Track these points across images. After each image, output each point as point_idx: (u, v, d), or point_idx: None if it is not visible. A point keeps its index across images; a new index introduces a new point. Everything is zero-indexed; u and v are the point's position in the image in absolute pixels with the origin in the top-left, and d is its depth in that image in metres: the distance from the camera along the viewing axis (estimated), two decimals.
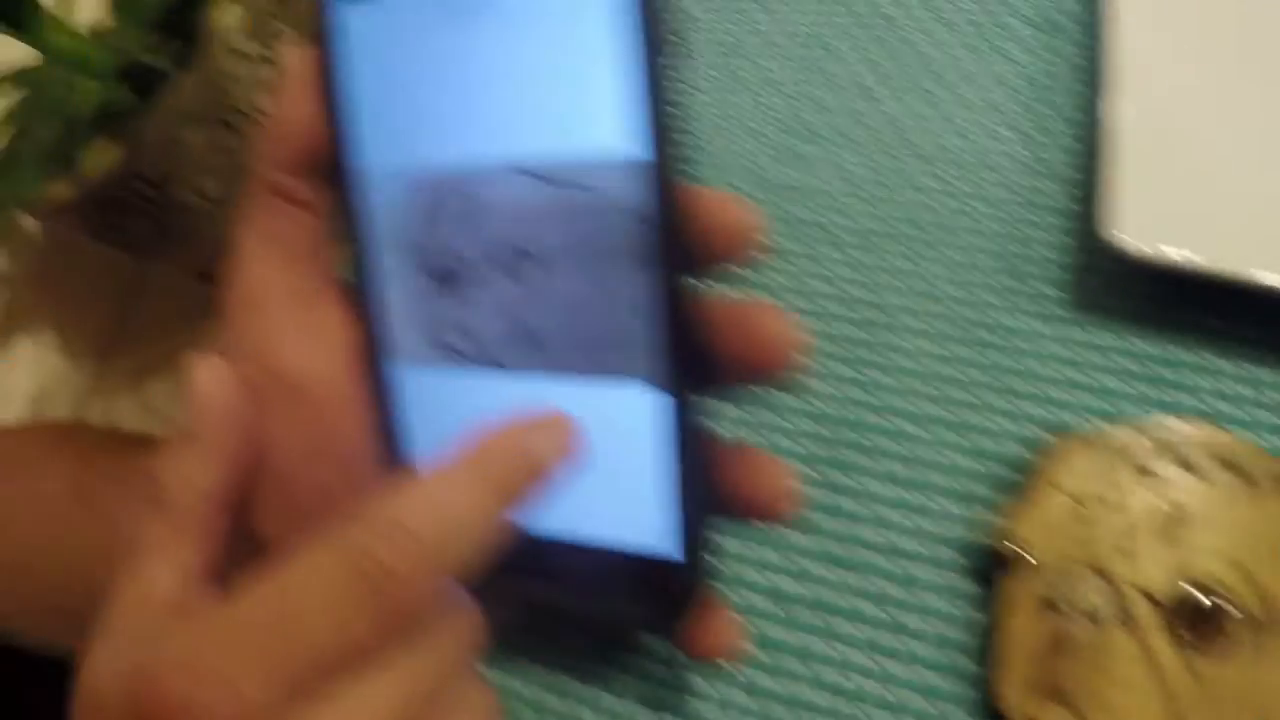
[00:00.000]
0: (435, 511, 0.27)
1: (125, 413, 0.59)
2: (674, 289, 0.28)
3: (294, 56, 0.32)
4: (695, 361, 0.29)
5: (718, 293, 0.29)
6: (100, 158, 0.47)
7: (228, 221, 0.52)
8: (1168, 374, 0.42)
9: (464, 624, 0.29)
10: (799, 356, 0.29)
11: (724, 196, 0.29)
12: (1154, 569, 0.36)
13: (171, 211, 0.51)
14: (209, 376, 0.32)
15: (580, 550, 0.31)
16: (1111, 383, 0.42)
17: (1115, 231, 0.41)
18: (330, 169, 0.32)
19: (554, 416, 0.29)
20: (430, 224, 0.31)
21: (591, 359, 0.30)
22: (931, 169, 0.50)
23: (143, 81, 0.47)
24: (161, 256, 0.54)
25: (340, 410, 0.33)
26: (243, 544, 0.33)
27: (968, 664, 0.38)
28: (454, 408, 0.32)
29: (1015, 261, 0.46)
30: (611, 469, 0.30)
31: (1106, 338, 0.43)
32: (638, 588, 0.31)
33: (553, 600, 0.34)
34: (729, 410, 0.43)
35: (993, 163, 0.49)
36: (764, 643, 0.40)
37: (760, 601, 0.41)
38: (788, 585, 0.41)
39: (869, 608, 0.40)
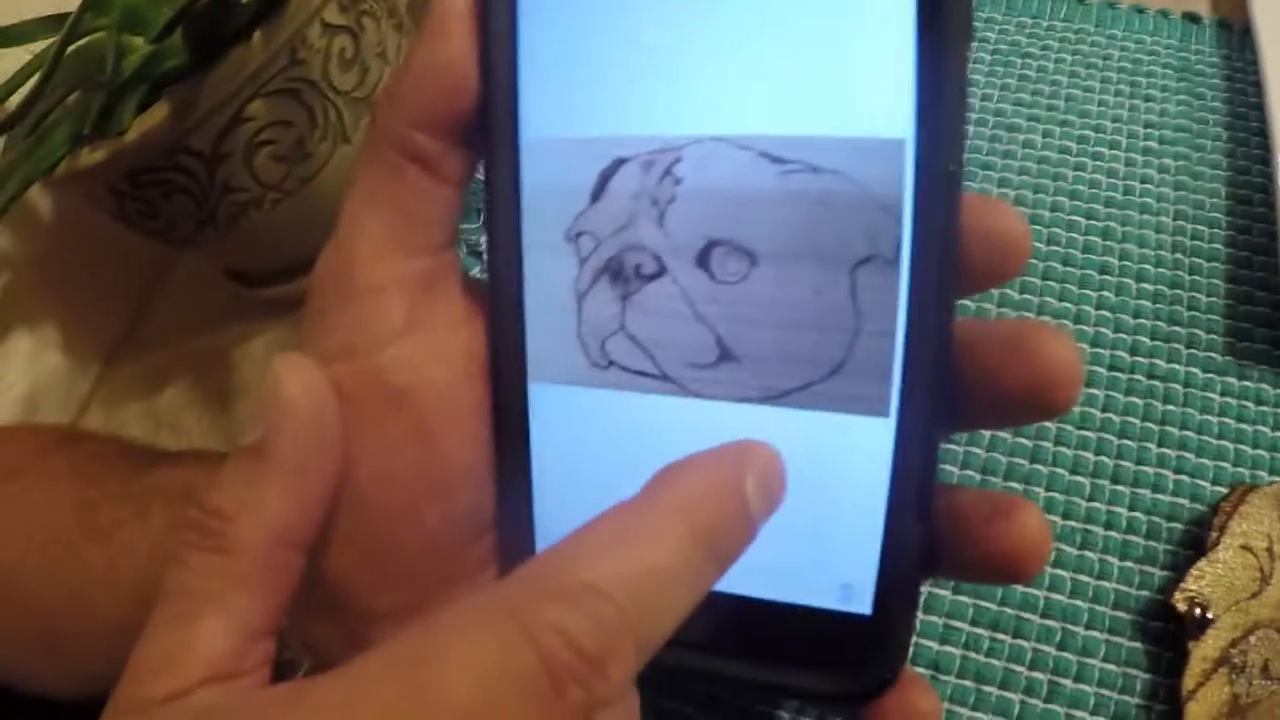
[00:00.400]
0: (639, 571, 0.20)
1: (129, 423, 0.52)
2: (936, 305, 0.23)
3: None
4: (947, 392, 0.24)
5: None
6: (144, 123, 0.41)
7: (280, 212, 0.46)
8: None
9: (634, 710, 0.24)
10: (1079, 387, 0.23)
11: (995, 200, 0.24)
12: None
13: (217, 194, 0.44)
14: (297, 380, 0.24)
15: (749, 608, 0.26)
16: (1278, 435, 0.40)
17: None
18: (476, 130, 0.26)
19: (762, 452, 0.23)
20: (605, 208, 0.26)
21: (803, 384, 0.25)
22: (1084, 206, 0.47)
23: (202, 41, 0.40)
24: (194, 247, 0.48)
25: (453, 427, 0.27)
26: (311, 587, 0.26)
27: None
28: (604, 438, 0.27)
29: (1175, 308, 0.44)
30: (801, 514, 0.25)
31: (1270, 389, 0.41)
32: (824, 656, 0.26)
33: (712, 673, 0.27)
34: None
35: (1145, 205, 0.47)
36: None
37: (919, 673, 0.35)
38: (950, 657, 0.37)
39: (1040, 679, 0.36)
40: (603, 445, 0.27)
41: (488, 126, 0.26)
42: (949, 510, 0.25)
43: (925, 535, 0.24)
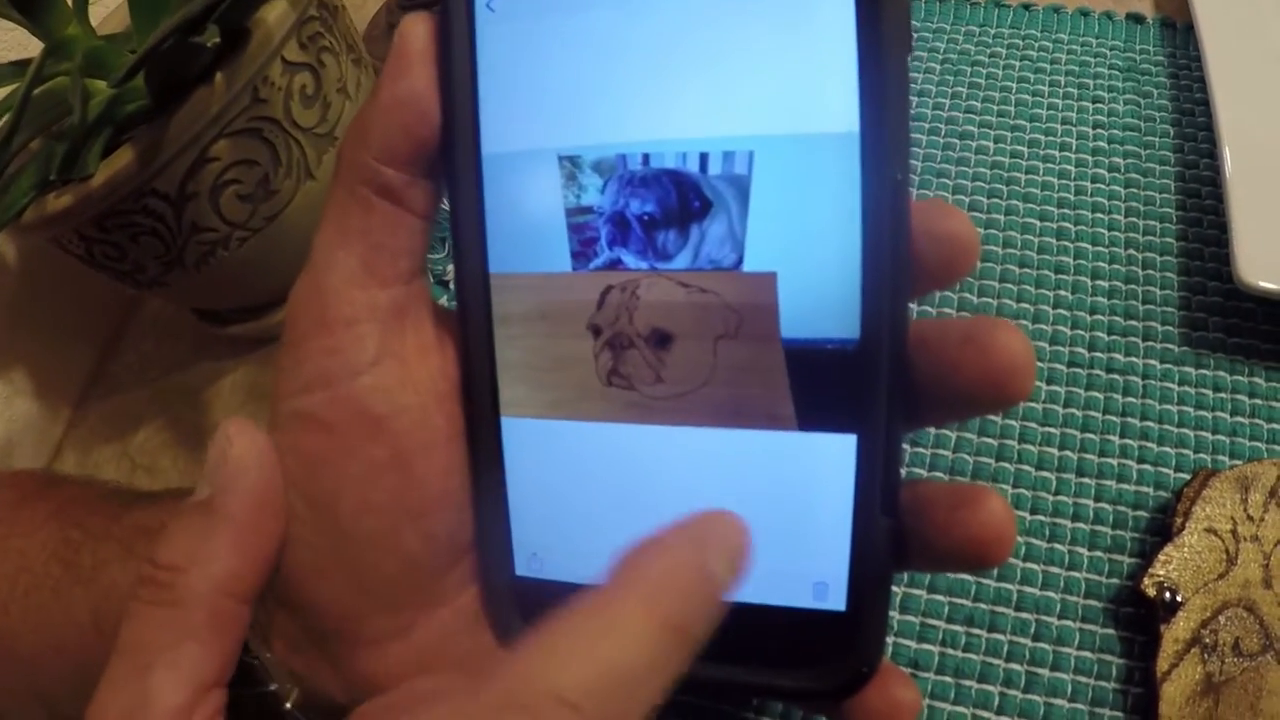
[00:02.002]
0: (606, 674, 0.20)
1: (104, 465, 0.52)
2: (891, 310, 0.24)
3: (413, 25, 0.27)
4: (905, 391, 0.24)
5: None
6: (110, 168, 0.41)
7: (247, 250, 0.47)
8: None
9: None
10: (1031, 376, 0.24)
11: (942, 204, 0.25)
12: None
13: (184, 235, 0.44)
14: (245, 442, 0.26)
15: (727, 612, 0.26)
16: (1236, 420, 0.41)
17: (1239, 271, 0.40)
18: (440, 162, 0.27)
19: (723, 522, 0.23)
20: (574, 233, 0.26)
21: (769, 402, 0.25)
22: (1038, 209, 0.48)
23: (165, 83, 0.41)
24: (162, 288, 0.48)
25: (428, 453, 0.27)
26: (296, 616, 0.27)
27: (1126, 719, 0.35)
28: (577, 462, 0.27)
29: (1130, 303, 0.45)
30: (771, 519, 0.25)
31: (1227, 376, 0.42)
32: (802, 654, 0.26)
33: (692, 678, 0.28)
34: None
35: (1097, 204, 0.48)
36: None
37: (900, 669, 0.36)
38: (929, 654, 0.37)
39: (1018, 670, 0.37)
40: (576, 468, 0.27)
41: (447, 156, 0.27)
42: (916, 503, 0.25)
43: (894, 529, 0.25)
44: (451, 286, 0.50)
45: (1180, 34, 0.54)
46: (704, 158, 0.25)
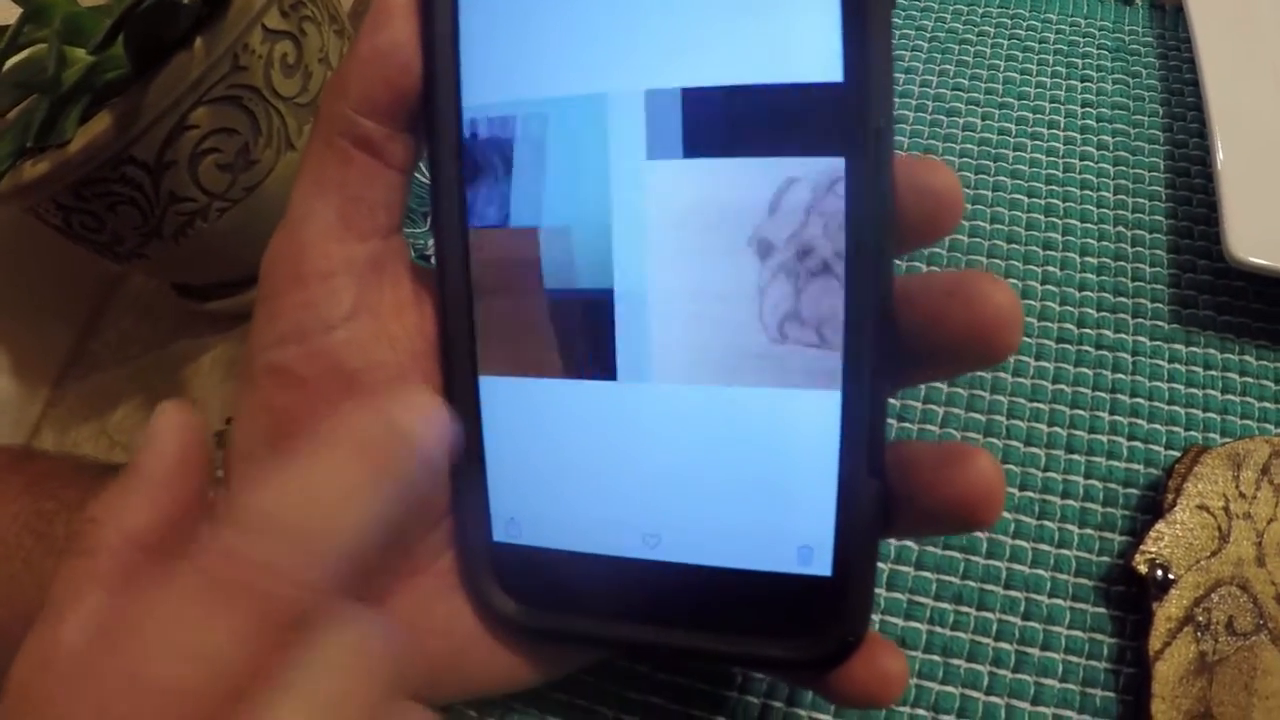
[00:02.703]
0: (307, 495, 0.23)
1: (82, 443, 0.52)
2: (874, 263, 0.23)
3: None
4: (891, 347, 0.24)
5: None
6: (87, 134, 0.40)
7: (226, 221, 0.46)
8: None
9: (369, 635, 0.23)
10: (1018, 331, 0.24)
11: (925, 158, 0.25)
12: None
13: (163, 204, 0.44)
14: (169, 415, 0.26)
15: (709, 578, 0.26)
16: (1227, 398, 0.41)
17: (1230, 247, 0.40)
18: (421, 115, 0.26)
19: (414, 389, 0.26)
20: (555, 192, 0.26)
21: (751, 359, 0.25)
22: (1026, 185, 0.47)
23: (143, 49, 0.40)
24: (140, 260, 0.47)
25: None
26: None
27: (1118, 699, 0.35)
28: (554, 424, 0.27)
29: (1120, 280, 0.44)
30: (753, 480, 0.25)
31: (1218, 353, 0.42)
32: (787, 622, 0.26)
33: (676, 647, 0.27)
34: None
35: (1086, 181, 0.47)
36: None
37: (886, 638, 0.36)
38: (916, 633, 0.36)
39: (1007, 649, 0.36)
40: (555, 429, 0.27)
41: (428, 109, 0.26)
42: (902, 463, 0.25)
43: (880, 491, 0.24)
44: (433, 260, 0.49)
45: (1169, 15, 0.54)
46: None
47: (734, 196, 0.24)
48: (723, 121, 0.24)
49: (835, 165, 0.23)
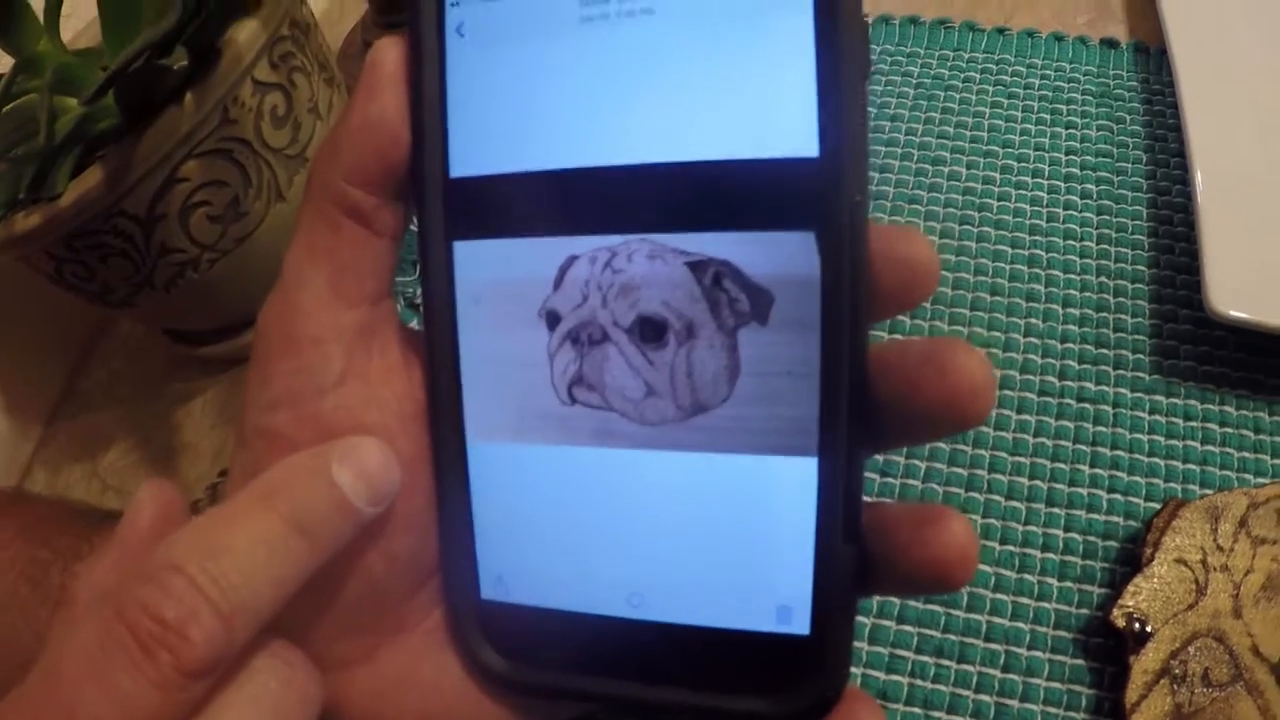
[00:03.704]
0: (216, 548, 0.23)
1: (74, 486, 0.52)
2: (853, 333, 0.24)
3: (384, 49, 0.27)
4: (865, 414, 0.24)
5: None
6: (79, 187, 0.41)
7: (217, 271, 0.46)
8: (1262, 439, 0.42)
9: (286, 676, 0.25)
10: (991, 397, 0.24)
11: (901, 227, 0.25)
12: (1262, 628, 0.35)
13: (154, 256, 0.44)
14: (147, 491, 0.28)
15: (688, 636, 0.26)
16: (1207, 449, 0.41)
17: (1211, 300, 0.41)
18: (409, 185, 0.27)
19: (354, 443, 0.26)
20: (543, 258, 0.26)
21: (736, 426, 0.25)
22: (1009, 235, 0.48)
23: (135, 102, 0.40)
24: (132, 308, 0.47)
25: None
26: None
27: None
28: (544, 489, 0.27)
29: (1102, 331, 0.45)
30: (733, 543, 0.26)
31: (1198, 405, 0.42)
32: (766, 679, 0.26)
33: (656, 703, 0.28)
34: None
35: (1069, 231, 0.48)
36: None
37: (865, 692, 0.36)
38: (898, 686, 0.37)
39: (987, 701, 0.36)
40: (541, 492, 0.27)
41: (415, 179, 0.27)
42: (879, 524, 0.25)
43: (857, 552, 0.25)
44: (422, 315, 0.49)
45: (1154, 59, 0.54)
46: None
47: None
48: (700, 196, 0.25)
49: (805, 239, 0.24)
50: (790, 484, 0.25)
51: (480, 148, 0.26)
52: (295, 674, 0.25)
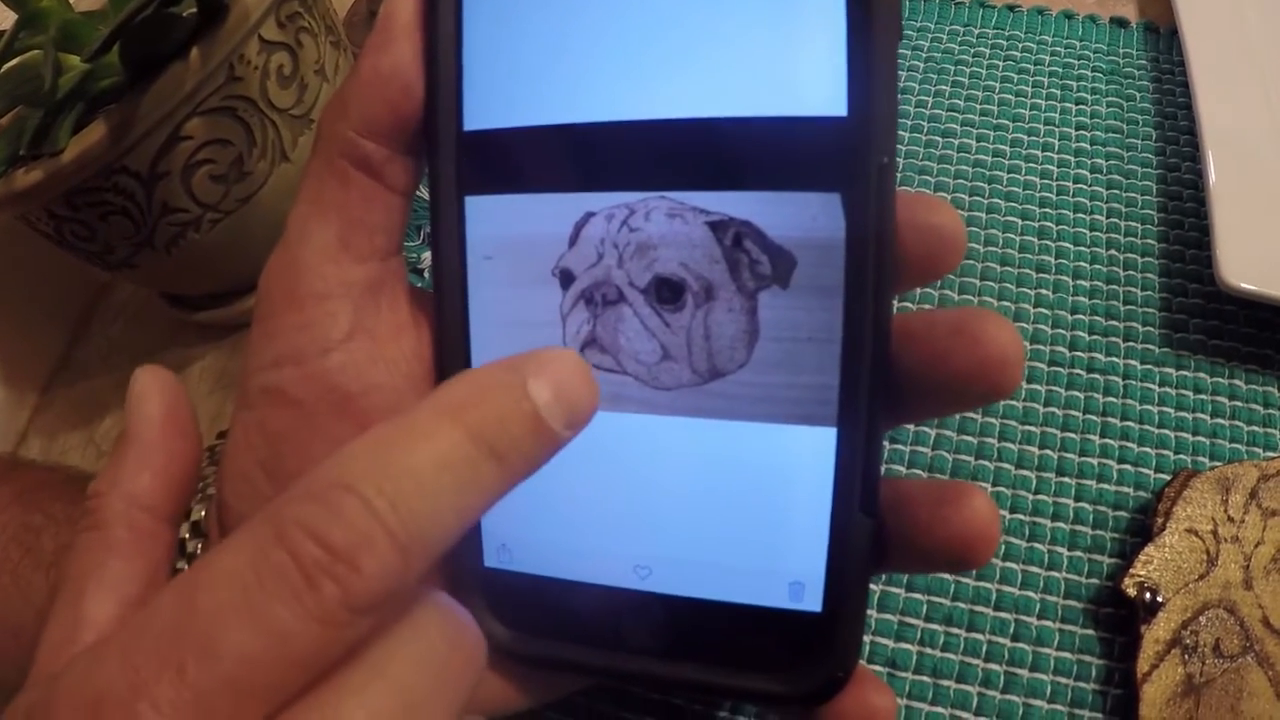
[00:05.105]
0: (396, 469, 0.20)
1: (70, 452, 0.51)
2: (878, 300, 0.23)
3: None
4: (887, 385, 0.24)
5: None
6: (81, 143, 0.40)
7: (219, 233, 0.46)
8: (1271, 413, 0.42)
9: (455, 637, 0.22)
10: (1021, 367, 0.23)
11: (929, 196, 0.25)
12: (1272, 600, 0.35)
13: (155, 215, 0.44)
14: (149, 378, 0.27)
15: (699, 611, 0.26)
16: (1216, 422, 0.41)
17: (1221, 272, 0.40)
18: (422, 138, 0.26)
19: (552, 355, 0.22)
20: (558, 215, 0.26)
21: (753, 393, 0.25)
22: (1019, 207, 0.48)
23: (139, 58, 0.40)
24: (131, 270, 0.47)
25: None
26: None
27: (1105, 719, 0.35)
28: None
29: (1112, 303, 0.44)
30: (746, 515, 0.25)
31: (1208, 378, 0.42)
32: (776, 656, 0.25)
33: (665, 678, 0.27)
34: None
35: (1079, 205, 0.48)
36: None
37: (877, 671, 0.36)
38: (907, 654, 0.37)
39: (997, 670, 0.36)
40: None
41: (429, 132, 0.26)
42: (897, 500, 0.25)
43: (873, 529, 0.24)
44: (426, 275, 0.49)
45: (1164, 38, 0.54)
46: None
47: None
48: (723, 154, 0.24)
49: (830, 200, 0.23)
50: (807, 455, 0.24)
51: (496, 100, 0.26)
52: (464, 635, 0.23)
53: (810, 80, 0.23)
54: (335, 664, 0.20)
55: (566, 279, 0.26)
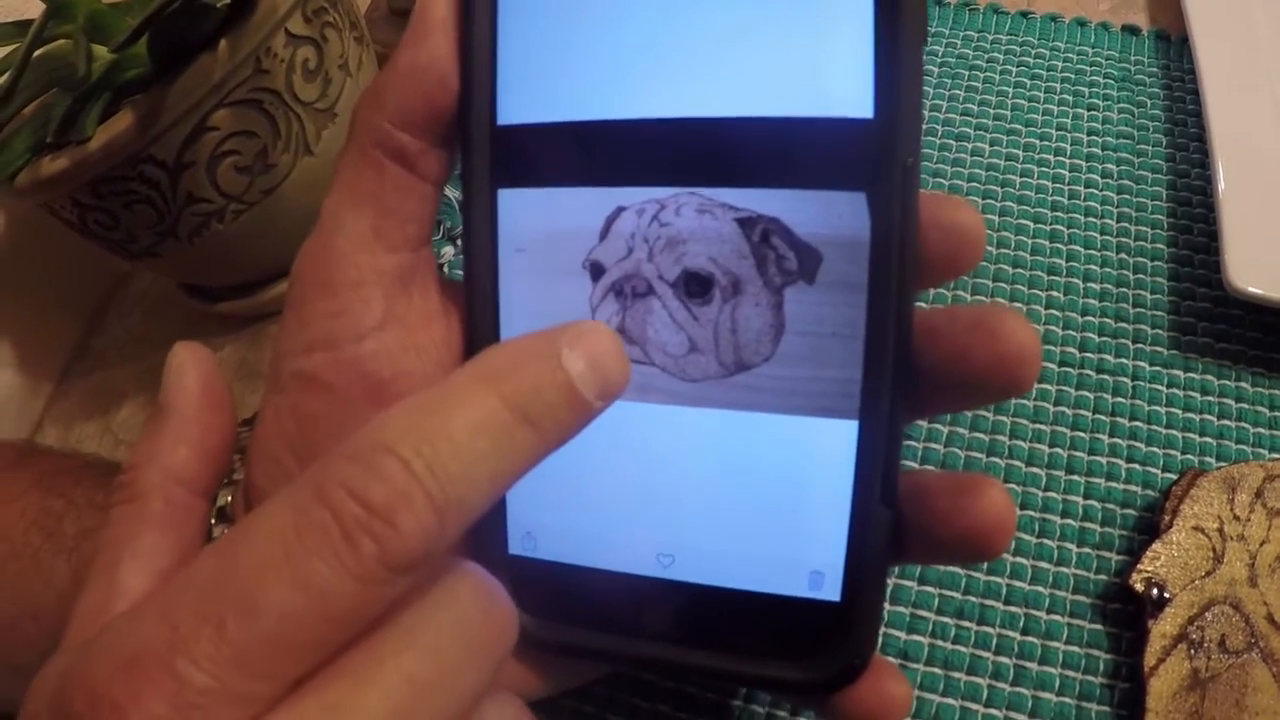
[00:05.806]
0: (435, 433, 0.20)
1: (86, 441, 0.52)
2: (900, 296, 0.24)
3: None
4: (908, 380, 0.24)
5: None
6: (108, 131, 0.41)
7: (241, 224, 0.46)
8: (1277, 415, 0.42)
9: (488, 606, 0.23)
10: (1038, 363, 0.24)
11: (950, 196, 0.25)
12: (1276, 598, 0.36)
13: (179, 204, 0.44)
14: (185, 352, 0.28)
15: (718, 598, 0.26)
16: (1223, 423, 0.42)
17: (1230, 276, 0.41)
18: (455, 130, 0.27)
19: (586, 327, 0.22)
20: (589, 209, 0.26)
21: (778, 386, 0.25)
22: (1031, 211, 0.48)
23: (167, 49, 0.40)
24: (153, 259, 0.47)
25: None
26: None
27: (1113, 713, 0.35)
28: (576, 443, 0.27)
29: (1121, 306, 0.45)
30: (768, 505, 0.26)
31: (1215, 380, 0.43)
32: (794, 644, 0.26)
33: (683, 665, 0.28)
34: None
35: (1090, 209, 0.48)
36: None
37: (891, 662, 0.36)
38: (918, 646, 0.37)
39: (1006, 663, 0.37)
40: (572, 446, 0.27)
41: (462, 124, 0.27)
42: (915, 492, 0.25)
43: (892, 520, 0.25)
44: (445, 270, 0.50)
45: (1175, 46, 0.55)
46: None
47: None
48: (752, 152, 0.25)
49: (856, 199, 0.24)
50: (830, 447, 0.25)
51: (529, 95, 0.26)
52: (497, 605, 0.23)
53: (838, 82, 0.24)
54: (371, 625, 0.20)
55: (597, 271, 0.26)
